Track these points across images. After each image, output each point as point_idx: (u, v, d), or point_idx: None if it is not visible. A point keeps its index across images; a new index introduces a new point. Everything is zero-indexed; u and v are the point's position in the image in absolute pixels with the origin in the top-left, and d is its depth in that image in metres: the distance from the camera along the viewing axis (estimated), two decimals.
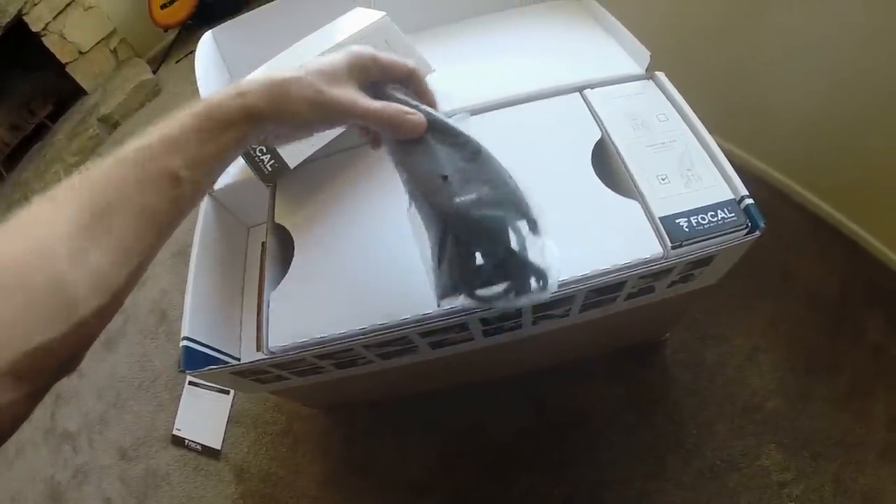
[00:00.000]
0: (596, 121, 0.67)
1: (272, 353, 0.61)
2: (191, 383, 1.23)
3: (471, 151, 0.47)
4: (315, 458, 1.04)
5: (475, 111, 0.71)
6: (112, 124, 1.88)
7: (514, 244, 0.45)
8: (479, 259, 0.45)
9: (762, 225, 0.55)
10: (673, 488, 0.88)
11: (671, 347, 0.99)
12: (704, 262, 0.59)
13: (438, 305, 0.54)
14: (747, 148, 1.14)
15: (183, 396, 1.22)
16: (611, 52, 0.75)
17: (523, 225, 0.45)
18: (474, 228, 0.44)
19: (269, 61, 0.70)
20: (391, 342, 0.61)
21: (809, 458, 0.89)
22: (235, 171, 0.77)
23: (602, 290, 0.58)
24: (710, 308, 1.01)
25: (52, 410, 1.34)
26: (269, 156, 0.70)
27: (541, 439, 0.96)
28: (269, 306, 0.64)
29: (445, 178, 0.45)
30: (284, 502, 1.04)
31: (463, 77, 0.77)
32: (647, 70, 0.70)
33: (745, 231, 0.56)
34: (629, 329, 0.87)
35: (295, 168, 0.72)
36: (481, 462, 0.97)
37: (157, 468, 1.17)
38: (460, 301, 0.48)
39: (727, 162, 0.61)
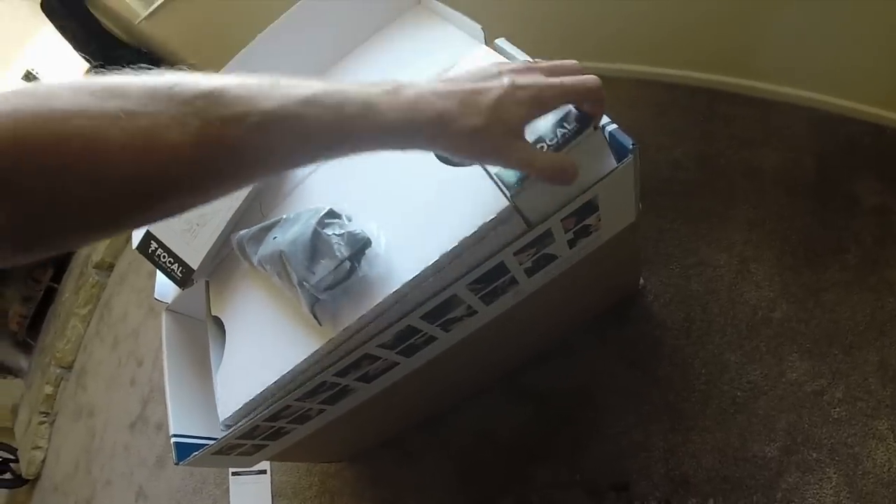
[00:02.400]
0: None
1: (228, 426, 0.65)
2: (234, 473, 1.26)
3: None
4: None
5: None
6: (107, 268, 2.02)
7: (320, 238, 0.55)
8: (313, 268, 0.55)
9: (631, 146, 0.51)
10: (698, 436, 0.82)
11: (651, 293, 0.92)
12: (588, 210, 0.54)
13: (318, 321, 0.58)
14: (664, 62, 1.06)
15: (230, 487, 1.26)
16: (451, 38, 0.73)
17: (324, 220, 0.56)
18: (293, 248, 0.56)
19: None
20: (317, 390, 0.62)
21: (842, 355, 0.80)
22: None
23: (486, 279, 0.55)
24: (681, 236, 0.94)
25: None
26: (176, 264, 0.74)
27: (547, 429, 0.92)
28: (217, 388, 0.68)
29: (275, 237, 0.60)
30: None
31: None
32: (486, 42, 0.67)
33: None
34: (587, 294, 0.82)
35: (219, 265, 0.77)
36: (498, 468, 0.94)
37: None
38: (323, 300, 0.57)
39: None
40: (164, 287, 0.85)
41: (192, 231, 0.75)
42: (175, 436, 0.71)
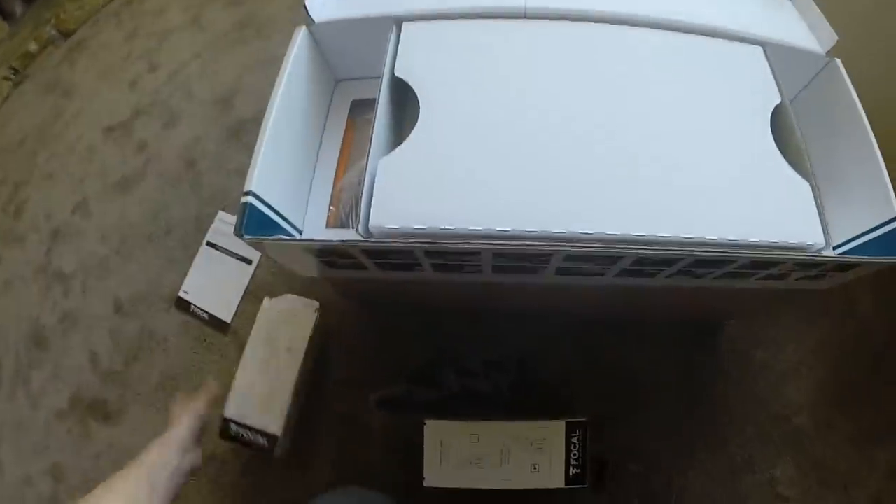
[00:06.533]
0: (777, 84, 0.61)
1: (370, 234, 0.52)
2: (209, 244, 1.13)
3: None
4: (338, 354, 0.99)
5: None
6: None
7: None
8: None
9: None
10: (698, 475, 0.90)
11: (729, 336, 0.98)
12: (845, 268, 0.55)
13: None
14: None
15: (197, 257, 1.12)
16: (792, 22, 0.67)
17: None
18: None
19: None
20: (528, 257, 0.53)
21: (815, 484, 0.90)
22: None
23: (757, 265, 0.54)
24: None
25: (49, 247, 1.21)
26: None
27: (583, 387, 0.95)
28: (375, 177, 0.53)
29: None
30: None
31: None
32: (827, 53, 0.64)
33: None
34: (702, 306, 0.84)
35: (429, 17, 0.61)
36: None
37: (154, 330, 1.08)
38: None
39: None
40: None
41: None
42: (252, 194, 0.52)
